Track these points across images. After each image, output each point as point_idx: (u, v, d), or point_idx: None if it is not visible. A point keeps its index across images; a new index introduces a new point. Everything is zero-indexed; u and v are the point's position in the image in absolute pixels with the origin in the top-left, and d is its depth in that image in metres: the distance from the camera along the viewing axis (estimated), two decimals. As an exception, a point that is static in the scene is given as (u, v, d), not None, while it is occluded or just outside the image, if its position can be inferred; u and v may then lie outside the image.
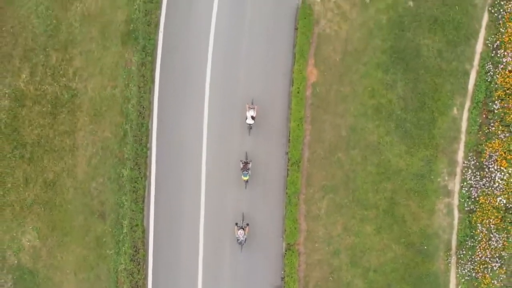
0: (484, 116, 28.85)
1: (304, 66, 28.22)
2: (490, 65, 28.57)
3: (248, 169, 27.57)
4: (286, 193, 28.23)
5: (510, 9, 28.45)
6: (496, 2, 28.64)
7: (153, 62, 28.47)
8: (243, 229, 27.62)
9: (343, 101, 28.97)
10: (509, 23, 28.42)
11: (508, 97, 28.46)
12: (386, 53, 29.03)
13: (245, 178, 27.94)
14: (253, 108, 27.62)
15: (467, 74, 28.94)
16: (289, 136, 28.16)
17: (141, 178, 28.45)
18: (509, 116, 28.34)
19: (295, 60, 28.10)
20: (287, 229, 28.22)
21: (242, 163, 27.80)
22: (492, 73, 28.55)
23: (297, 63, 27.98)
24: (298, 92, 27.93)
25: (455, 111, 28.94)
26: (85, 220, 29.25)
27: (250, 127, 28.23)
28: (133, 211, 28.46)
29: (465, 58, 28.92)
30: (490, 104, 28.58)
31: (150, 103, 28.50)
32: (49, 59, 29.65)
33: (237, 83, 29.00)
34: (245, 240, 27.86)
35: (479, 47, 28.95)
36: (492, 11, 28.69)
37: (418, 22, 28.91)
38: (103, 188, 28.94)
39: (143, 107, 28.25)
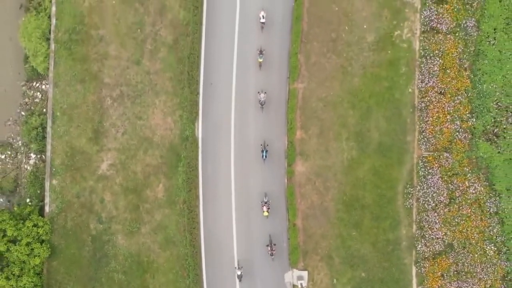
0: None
1: None
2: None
3: (263, 54, 41.84)
4: None
5: (428, 254, 42.99)
6: (418, 261, 43.33)
7: None
8: (264, 93, 41.90)
9: None
10: (430, 275, 43.16)
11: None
12: (358, 308, 43.88)
13: (260, 60, 42.04)
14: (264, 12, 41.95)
15: (412, 310, 43.86)
16: None
17: None
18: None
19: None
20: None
21: (258, 50, 41.97)
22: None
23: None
24: None
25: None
26: None
27: (262, 26, 42.47)
28: None
29: (408, 299, 43.82)
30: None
31: None
32: None
33: None
34: (265, 102, 42.12)
35: (415, 292, 43.80)
36: (417, 267, 43.43)
37: (371, 285, 43.69)
38: None
39: None
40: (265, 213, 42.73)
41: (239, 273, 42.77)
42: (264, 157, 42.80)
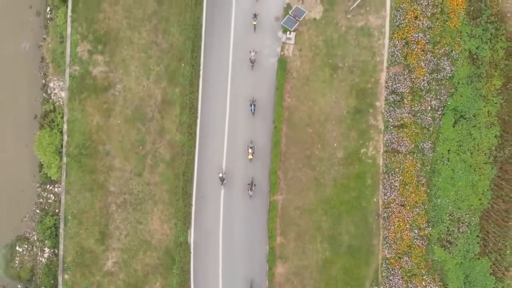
0: None
1: None
2: None
3: (256, 17, 47.83)
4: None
5: None
6: None
7: None
8: (255, 52, 48.12)
9: None
10: None
11: None
12: None
13: (254, 23, 48.19)
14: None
15: None
16: None
17: None
18: None
19: None
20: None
21: (253, 14, 47.91)
22: None
23: None
24: None
25: None
26: None
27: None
28: None
29: None
30: None
31: None
32: None
33: None
34: (255, 60, 48.29)
35: None
36: None
37: None
38: None
39: None
40: (250, 156, 48.90)
41: (221, 175, 48.58)
42: (252, 110, 49.13)
